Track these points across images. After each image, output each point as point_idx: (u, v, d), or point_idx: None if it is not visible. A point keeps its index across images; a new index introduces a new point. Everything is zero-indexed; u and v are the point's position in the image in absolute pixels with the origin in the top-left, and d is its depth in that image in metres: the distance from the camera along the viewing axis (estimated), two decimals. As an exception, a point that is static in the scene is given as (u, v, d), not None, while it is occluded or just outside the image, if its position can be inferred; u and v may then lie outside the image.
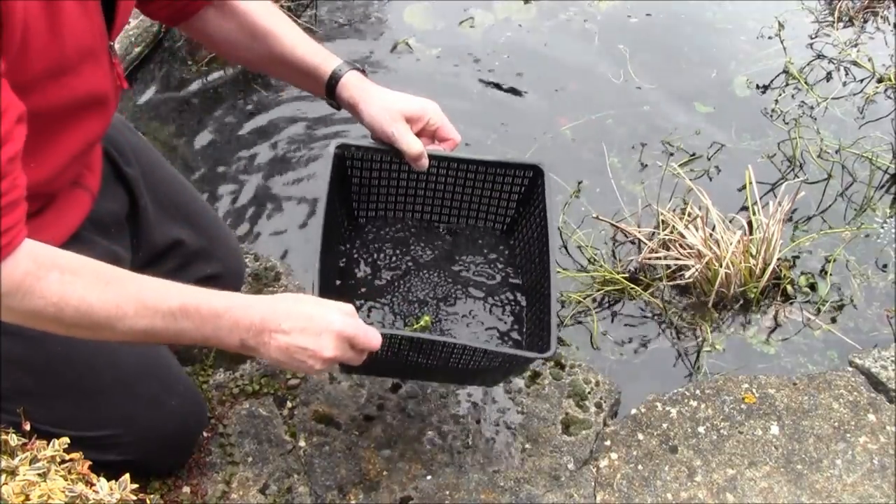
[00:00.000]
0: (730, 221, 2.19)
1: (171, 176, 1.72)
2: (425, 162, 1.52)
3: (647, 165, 2.48)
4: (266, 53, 1.50)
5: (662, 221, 2.21)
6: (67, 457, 1.19)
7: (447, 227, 1.74)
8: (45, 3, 1.06)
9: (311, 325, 1.21)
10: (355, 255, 1.69)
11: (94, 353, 1.41)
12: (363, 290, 1.64)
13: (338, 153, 1.57)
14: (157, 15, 1.48)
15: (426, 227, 1.74)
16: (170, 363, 1.57)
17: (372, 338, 1.25)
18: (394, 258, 1.69)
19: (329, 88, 1.50)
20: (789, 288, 2.18)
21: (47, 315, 1.07)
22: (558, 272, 2.18)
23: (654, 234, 2.20)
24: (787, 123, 2.62)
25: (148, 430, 1.50)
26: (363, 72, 1.52)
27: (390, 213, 1.73)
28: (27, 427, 1.19)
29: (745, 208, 2.29)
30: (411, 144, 1.49)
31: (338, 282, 1.64)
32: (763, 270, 2.10)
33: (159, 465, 1.63)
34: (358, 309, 1.59)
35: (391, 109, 1.48)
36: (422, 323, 1.58)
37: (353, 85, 1.49)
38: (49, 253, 1.08)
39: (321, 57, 1.50)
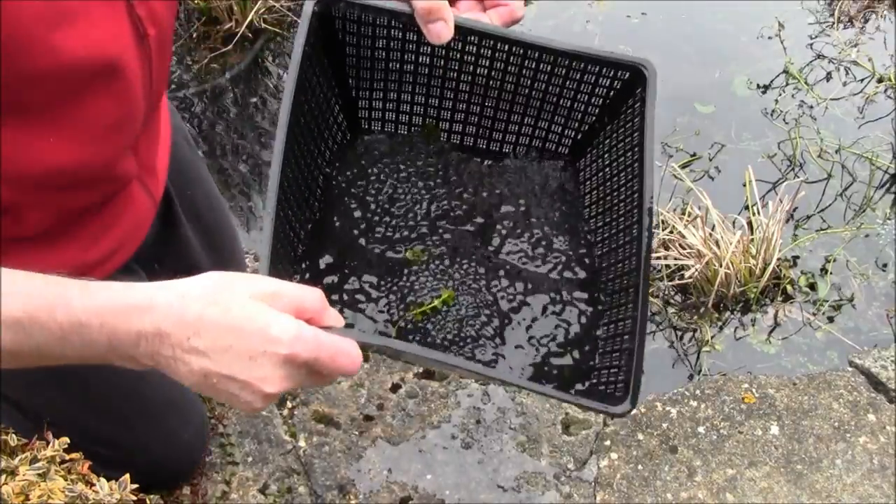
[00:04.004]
0: (731, 223, 2.19)
1: (213, 198, 1.53)
2: (443, 29, 0.94)
3: (647, 165, 2.48)
4: None
5: (662, 221, 2.21)
6: (67, 457, 1.19)
7: (486, 151, 1.17)
8: None
9: (240, 342, 0.75)
10: (344, 196, 1.10)
11: (128, 381, 1.36)
12: (349, 256, 1.06)
13: (319, 11, 0.95)
14: None
15: (456, 149, 1.16)
16: (190, 392, 1.51)
17: (343, 360, 0.78)
18: (401, 203, 1.10)
19: None
20: (789, 288, 2.18)
21: None
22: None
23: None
24: (787, 123, 2.62)
25: (159, 460, 1.52)
26: None
27: (403, 125, 1.16)
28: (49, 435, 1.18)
29: (745, 208, 2.29)
30: None
31: (299, 250, 1.04)
32: (763, 270, 2.10)
33: (157, 485, 1.63)
34: (336, 288, 1.03)
35: None
36: (442, 299, 1.03)
37: None
38: None
39: None
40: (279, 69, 2.70)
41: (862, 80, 2.77)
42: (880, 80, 2.76)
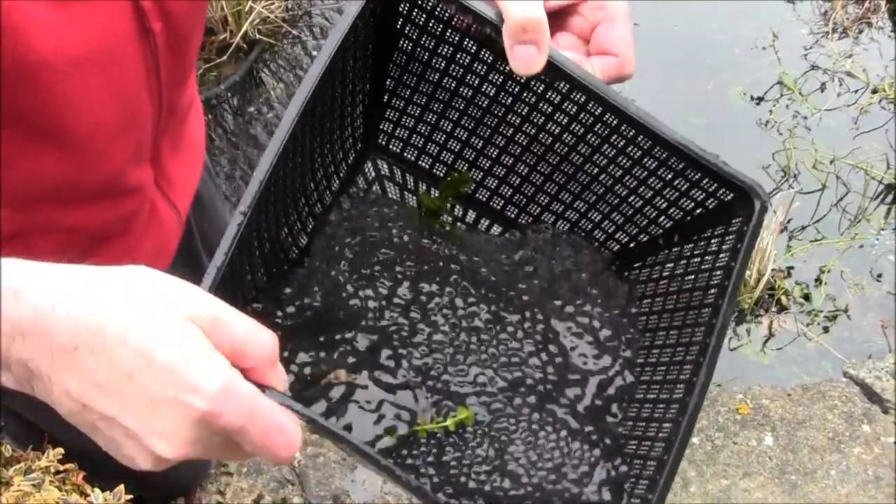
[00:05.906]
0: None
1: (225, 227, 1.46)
2: (534, 57, 0.69)
3: (642, 176, 2.49)
4: None
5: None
6: (62, 467, 1.19)
7: (523, 227, 0.88)
8: None
9: (144, 376, 0.51)
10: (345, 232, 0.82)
11: None
12: (338, 315, 0.76)
13: None
14: None
15: (497, 214, 0.89)
16: None
17: (277, 440, 0.54)
18: (417, 263, 0.82)
19: None
20: (784, 298, 2.18)
21: None
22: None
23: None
24: (781, 134, 2.63)
25: (169, 478, 1.53)
26: None
27: (427, 156, 0.87)
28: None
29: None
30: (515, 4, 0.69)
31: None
32: (757, 281, 2.11)
33: (156, 498, 1.64)
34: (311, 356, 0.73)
35: None
36: (459, 418, 0.76)
37: None
38: None
39: None
40: (274, 80, 2.71)
41: (856, 91, 2.79)
42: (875, 91, 2.77)
